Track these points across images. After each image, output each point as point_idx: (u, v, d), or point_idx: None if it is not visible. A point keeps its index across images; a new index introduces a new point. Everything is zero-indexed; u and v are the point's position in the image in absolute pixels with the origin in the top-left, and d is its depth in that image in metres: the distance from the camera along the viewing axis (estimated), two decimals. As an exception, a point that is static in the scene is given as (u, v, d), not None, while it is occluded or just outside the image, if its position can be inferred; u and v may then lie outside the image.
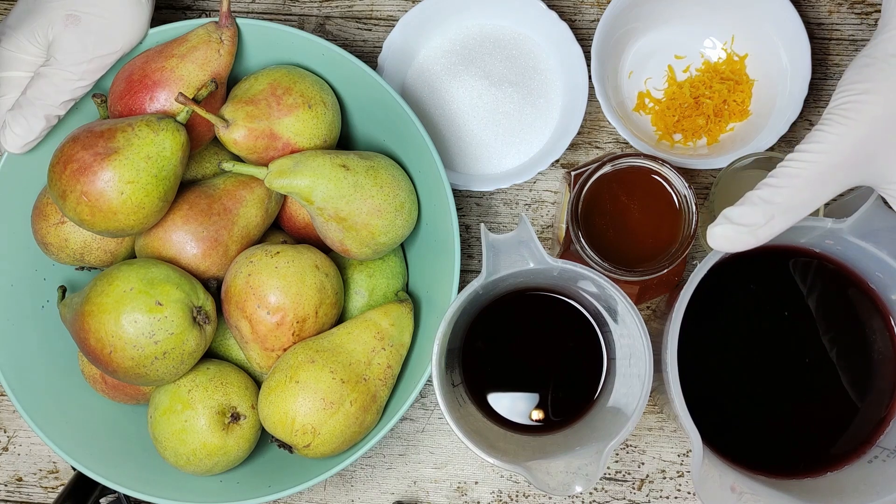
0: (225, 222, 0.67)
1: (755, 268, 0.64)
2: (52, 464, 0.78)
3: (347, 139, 0.75)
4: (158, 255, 0.67)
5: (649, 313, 0.76)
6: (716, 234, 0.56)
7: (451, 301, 0.65)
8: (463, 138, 0.77)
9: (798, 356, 0.64)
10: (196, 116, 0.66)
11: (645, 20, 0.77)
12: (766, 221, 0.55)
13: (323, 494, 0.77)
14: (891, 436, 0.62)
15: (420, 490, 0.76)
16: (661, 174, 0.66)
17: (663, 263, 0.65)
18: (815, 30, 0.79)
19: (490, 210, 0.79)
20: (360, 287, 0.71)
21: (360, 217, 0.66)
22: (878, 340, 0.64)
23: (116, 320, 0.62)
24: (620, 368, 0.64)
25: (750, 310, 0.65)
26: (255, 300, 0.65)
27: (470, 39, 0.78)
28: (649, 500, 0.76)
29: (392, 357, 0.67)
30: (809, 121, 0.78)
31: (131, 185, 0.62)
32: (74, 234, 0.68)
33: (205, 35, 0.66)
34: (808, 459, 0.63)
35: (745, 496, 0.58)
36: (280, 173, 0.65)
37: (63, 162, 0.62)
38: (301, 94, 0.67)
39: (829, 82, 0.79)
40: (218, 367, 0.68)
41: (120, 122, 0.63)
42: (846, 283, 0.64)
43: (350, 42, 0.80)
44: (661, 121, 0.77)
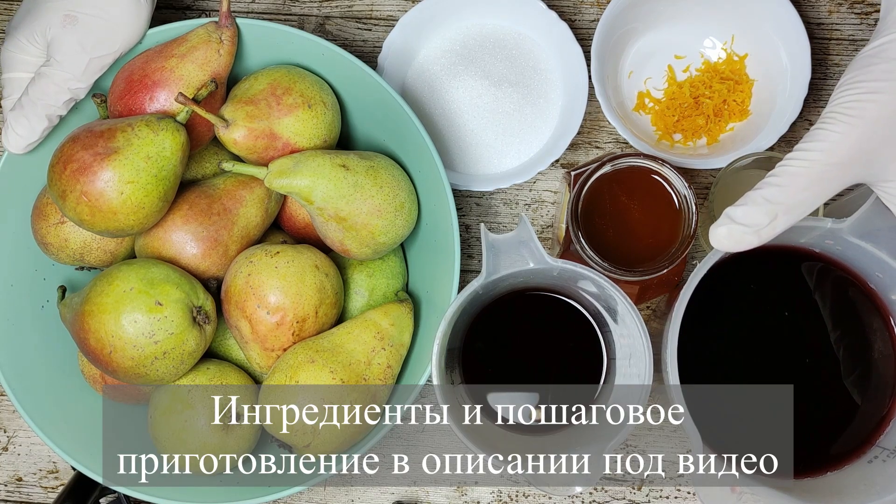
0: (225, 222, 0.67)
1: (755, 268, 0.64)
2: (52, 464, 0.78)
3: (347, 139, 0.75)
4: (158, 255, 0.67)
5: (649, 313, 0.76)
6: (719, 234, 0.56)
7: (451, 301, 0.65)
8: (463, 138, 0.77)
9: (798, 356, 0.64)
10: (196, 116, 0.66)
11: (645, 20, 0.77)
12: (770, 221, 0.55)
13: (323, 494, 0.77)
14: (891, 436, 0.62)
15: (420, 490, 0.76)
16: (661, 174, 0.66)
17: (663, 263, 0.65)
18: (815, 30, 0.79)
19: (490, 210, 0.79)
20: (360, 287, 0.71)
21: (360, 217, 0.66)
22: (878, 340, 0.64)
23: (116, 320, 0.62)
24: (620, 368, 0.64)
25: (750, 310, 0.65)
26: (255, 300, 0.65)
27: (470, 39, 0.78)
28: (649, 500, 0.76)
29: (392, 357, 0.67)
30: (809, 121, 0.78)
31: (131, 185, 0.62)
32: (74, 234, 0.68)
33: (205, 35, 0.66)
34: (808, 459, 0.63)
35: (745, 496, 0.58)
36: (280, 173, 0.65)
37: (63, 162, 0.62)
38: (301, 94, 0.67)
39: (829, 82, 0.79)
40: (218, 367, 0.68)
41: (120, 122, 0.63)
42: (846, 283, 0.64)
43: (350, 42, 0.80)
44: (660, 121, 0.77)
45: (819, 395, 0.63)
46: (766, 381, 0.63)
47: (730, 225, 0.56)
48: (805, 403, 0.63)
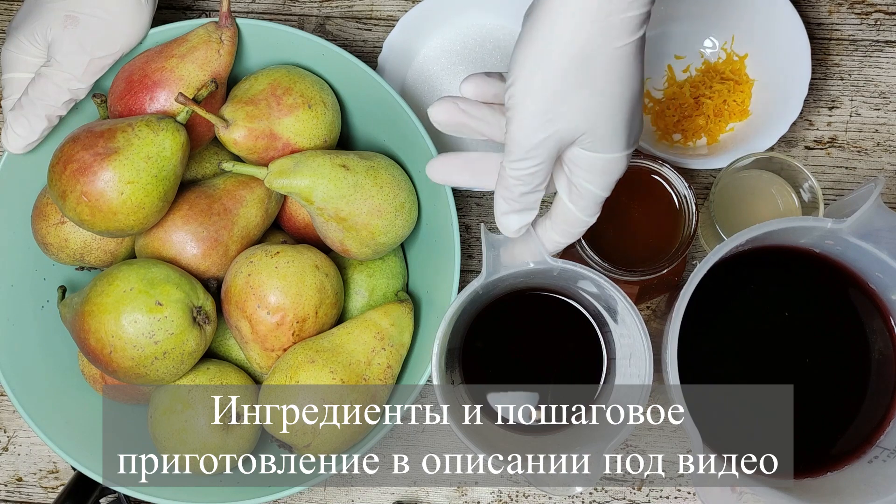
0: (225, 222, 0.67)
1: (755, 268, 0.64)
2: (52, 464, 0.78)
3: (347, 139, 0.75)
4: (158, 255, 0.67)
5: (649, 313, 0.76)
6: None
7: (451, 301, 0.65)
8: (463, 138, 0.77)
9: (798, 356, 0.64)
10: (196, 116, 0.66)
11: (645, 20, 0.77)
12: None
13: (323, 494, 0.77)
14: (891, 436, 0.62)
15: (420, 490, 0.76)
16: (661, 174, 0.66)
17: (663, 263, 0.65)
18: (815, 30, 0.79)
19: (490, 210, 0.79)
20: (360, 287, 0.71)
21: (360, 217, 0.66)
22: (878, 340, 0.64)
23: (116, 320, 0.62)
24: (620, 368, 0.64)
25: (750, 310, 0.65)
26: (255, 300, 0.65)
27: (470, 39, 0.78)
28: (649, 500, 0.76)
29: (392, 357, 0.67)
30: (809, 120, 0.78)
31: (131, 186, 0.62)
32: (74, 234, 0.68)
33: (205, 35, 0.66)
34: (808, 459, 0.63)
35: (745, 496, 0.58)
36: (280, 173, 0.65)
37: (63, 162, 0.62)
38: (301, 94, 0.67)
39: (829, 82, 0.79)
40: (218, 367, 0.68)
41: (120, 122, 0.63)
42: (846, 283, 0.64)
43: (350, 42, 0.80)
44: (660, 121, 0.77)
45: (819, 395, 0.63)
46: (766, 381, 0.63)
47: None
48: (805, 403, 0.63)
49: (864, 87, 0.79)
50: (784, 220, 0.59)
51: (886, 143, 0.78)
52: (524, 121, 0.53)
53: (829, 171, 0.78)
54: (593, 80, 0.52)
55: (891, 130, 0.78)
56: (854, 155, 0.78)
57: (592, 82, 0.52)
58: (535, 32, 0.52)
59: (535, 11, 0.52)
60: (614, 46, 0.51)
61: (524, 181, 0.56)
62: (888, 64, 0.79)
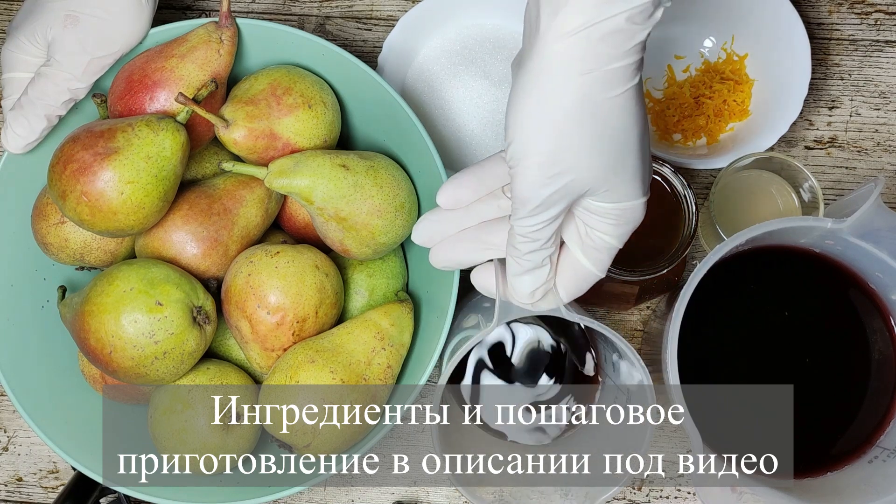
0: (225, 222, 0.67)
1: (755, 268, 0.64)
2: (52, 464, 0.78)
3: (347, 139, 0.75)
4: (158, 255, 0.67)
5: (649, 313, 0.76)
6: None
7: (451, 301, 0.65)
8: (463, 138, 0.77)
9: (798, 356, 0.64)
10: (196, 116, 0.66)
11: (645, 20, 0.77)
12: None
13: (323, 494, 0.77)
14: (891, 436, 0.62)
15: (420, 490, 0.76)
16: (661, 174, 0.66)
17: (663, 263, 0.65)
18: (815, 30, 0.79)
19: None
20: (360, 287, 0.71)
21: (360, 217, 0.66)
22: (878, 340, 0.64)
23: (116, 320, 0.62)
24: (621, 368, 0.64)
25: (750, 310, 0.65)
26: (255, 300, 0.65)
27: (470, 39, 0.78)
28: (649, 500, 0.76)
29: (392, 357, 0.67)
30: (809, 120, 0.78)
31: (131, 185, 0.62)
32: (74, 234, 0.68)
33: (205, 35, 0.66)
34: (808, 459, 0.63)
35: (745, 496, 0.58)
36: (280, 173, 0.65)
37: (63, 162, 0.62)
38: (301, 94, 0.67)
39: (829, 82, 0.79)
40: (218, 367, 0.68)
41: (120, 122, 0.63)
42: (846, 283, 0.64)
43: (350, 42, 0.80)
44: (660, 121, 0.77)
45: (819, 395, 0.63)
46: (766, 381, 0.63)
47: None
48: (805, 403, 0.63)
49: (864, 87, 0.79)
50: (784, 220, 0.59)
51: (886, 143, 0.78)
52: (528, 178, 0.51)
53: (829, 171, 0.78)
54: (594, 131, 0.50)
55: (891, 130, 0.78)
56: (854, 155, 0.78)
57: (593, 133, 0.50)
58: (528, 86, 0.50)
59: (524, 63, 0.50)
60: (610, 96, 0.49)
61: (531, 238, 0.54)
62: (888, 64, 0.79)
